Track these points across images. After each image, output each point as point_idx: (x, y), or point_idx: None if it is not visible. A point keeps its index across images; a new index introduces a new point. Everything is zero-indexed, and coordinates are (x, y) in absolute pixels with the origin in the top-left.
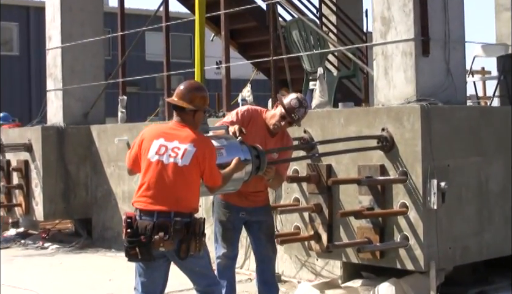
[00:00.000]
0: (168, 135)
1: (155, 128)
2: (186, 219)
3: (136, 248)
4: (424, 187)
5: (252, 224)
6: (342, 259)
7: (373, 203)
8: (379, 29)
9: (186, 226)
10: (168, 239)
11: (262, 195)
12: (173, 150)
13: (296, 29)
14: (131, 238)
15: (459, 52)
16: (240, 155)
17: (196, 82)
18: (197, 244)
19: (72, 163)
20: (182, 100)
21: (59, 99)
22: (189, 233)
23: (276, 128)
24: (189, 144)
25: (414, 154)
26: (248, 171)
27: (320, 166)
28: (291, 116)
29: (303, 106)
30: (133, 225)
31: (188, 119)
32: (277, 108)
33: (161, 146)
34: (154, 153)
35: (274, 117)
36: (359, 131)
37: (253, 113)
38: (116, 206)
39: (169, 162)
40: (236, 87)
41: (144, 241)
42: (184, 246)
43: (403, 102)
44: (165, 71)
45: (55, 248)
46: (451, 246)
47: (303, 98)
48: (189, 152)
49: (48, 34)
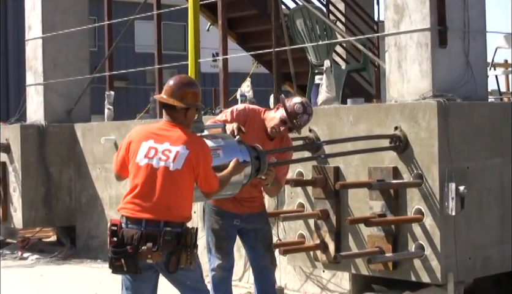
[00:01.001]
0: (158, 136)
1: (143, 129)
2: (177, 229)
3: (122, 259)
4: (441, 192)
5: (247, 232)
6: (351, 271)
7: (385, 209)
8: (392, 17)
9: (177, 237)
10: (156, 251)
11: (257, 201)
12: (164, 153)
13: (301, 18)
14: (117, 248)
15: (479, 43)
16: (239, 156)
17: (186, 77)
18: (188, 256)
19: (54, 165)
20: (172, 97)
21: (39, 95)
22: (180, 244)
23: (274, 132)
24: (181, 146)
25: (431, 155)
26: (247, 174)
27: (327, 168)
28: (293, 121)
29: (307, 112)
30: (118, 234)
31: (180, 118)
32: (278, 111)
33: (150, 149)
34: (142, 156)
35: (273, 120)
36: (369, 130)
37: (250, 112)
38: (102, 213)
39: (160, 166)
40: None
41: (131, 251)
42: (173, 258)
43: (418, 98)
44: (156, 64)
45: (35, 259)
46: (471, 256)
47: (308, 104)
48: (181, 154)
49: (27, 23)
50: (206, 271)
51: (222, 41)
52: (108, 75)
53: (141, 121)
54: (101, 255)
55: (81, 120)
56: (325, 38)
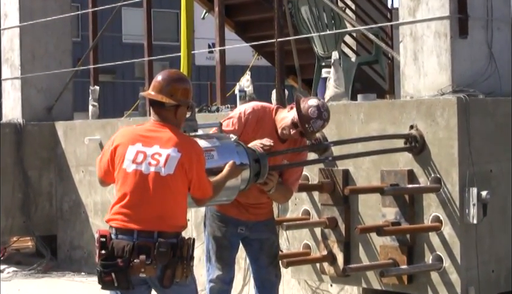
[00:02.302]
0: (146, 138)
1: (129, 132)
2: (172, 240)
3: (112, 273)
4: (461, 197)
5: (251, 242)
6: (362, 285)
7: (400, 217)
8: (407, 4)
9: (172, 249)
10: (150, 264)
11: (265, 207)
12: (153, 157)
13: (306, 5)
14: (106, 261)
15: (503, 33)
16: (235, 158)
17: (176, 72)
18: (184, 269)
19: (33, 168)
20: (161, 93)
21: (16, 90)
22: (175, 256)
23: (285, 134)
24: (172, 148)
25: (450, 156)
26: (245, 178)
27: (335, 171)
28: (305, 126)
29: (322, 118)
30: (107, 246)
31: (169, 117)
32: (291, 111)
33: (138, 153)
34: (130, 162)
35: (284, 121)
36: (382, 130)
37: (259, 112)
38: (86, 221)
39: (150, 172)
40: (232, 76)
41: (122, 265)
42: (168, 272)
43: (436, 94)
44: (146, 56)
45: (12, 272)
46: (494, 269)
47: (325, 108)
48: (173, 158)
49: (3, 11)
50: (201, 285)
51: (218, 31)
52: (93, 67)
53: (129, 119)
54: (85, 268)
55: (62, 119)
56: (333, 28)
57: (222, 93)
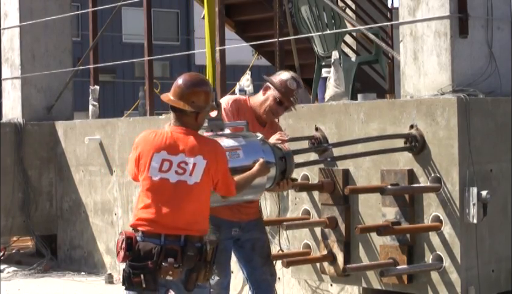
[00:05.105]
0: (171, 146)
1: (152, 139)
2: (197, 244)
3: (141, 275)
4: (461, 197)
5: (243, 244)
6: (362, 284)
7: (400, 216)
8: (407, 4)
9: (199, 252)
10: (178, 267)
11: (255, 206)
12: (180, 165)
13: (306, 4)
14: (136, 263)
15: (504, 33)
16: (261, 156)
17: (196, 75)
18: (207, 273)
19: (33, 168)
20: (182, 100)
21: (16, 90)
22: (201, 260)
23: (272, 115)
24: (198, 156)
25: (450, 156)
26: (270, 177)
27: (335, 171)
28: (290, 100)
29: (300, 86)
30: (134, 247)
31: (190, 122)
32: (266, 93)
33: (164, 161)
34: (156, 170)
35: (267, 103)
36: (382, 129)
37: (237, 104)
38: (86, 220)
39: (177, 181)
40: (232, 75)
41: (152, 266)
42: (193, 275)
43: (436, 93)
44: (146, 56)
45: (12, 272)
46: (495, 269)
47: (297, 76)
48: (199, 166)
49: (3, 11)
50: None
51: (218, 31)
52: (93, 67)
53: (129, 119)
54: (85, 267)
55: (62, 118)
56: (333, 27)
57: (222, 93)
